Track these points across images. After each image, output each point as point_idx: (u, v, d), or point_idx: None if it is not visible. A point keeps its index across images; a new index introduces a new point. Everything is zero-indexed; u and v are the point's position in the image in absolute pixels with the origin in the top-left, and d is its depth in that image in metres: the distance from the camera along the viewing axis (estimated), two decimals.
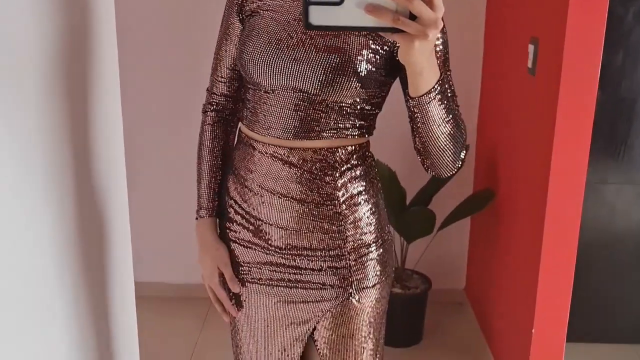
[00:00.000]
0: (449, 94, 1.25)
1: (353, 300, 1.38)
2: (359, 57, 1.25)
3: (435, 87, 1.17)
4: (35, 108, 1.29)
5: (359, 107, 1.32)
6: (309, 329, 1.42)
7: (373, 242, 1.40)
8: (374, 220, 1.40)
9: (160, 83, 3.13)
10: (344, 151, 1.34)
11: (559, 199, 2.18)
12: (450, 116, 1.23)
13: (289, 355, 1.45)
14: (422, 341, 3.00)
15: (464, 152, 1.30)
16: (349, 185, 1.36)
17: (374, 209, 1.40)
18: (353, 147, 1.36)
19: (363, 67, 1.26)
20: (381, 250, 1.41)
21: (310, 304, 1.40)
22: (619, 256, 2.87)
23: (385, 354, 1.66)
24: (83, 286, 1.64)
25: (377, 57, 1.27)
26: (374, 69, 1.27)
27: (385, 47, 1.27)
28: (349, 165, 1.35)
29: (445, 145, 1.25)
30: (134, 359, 2.08)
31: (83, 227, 1.59)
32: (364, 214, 1.38)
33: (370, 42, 1.26)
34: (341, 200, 1.35)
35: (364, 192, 1.38)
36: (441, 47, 1.26)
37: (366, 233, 1.38)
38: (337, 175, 1.34)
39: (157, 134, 3.18)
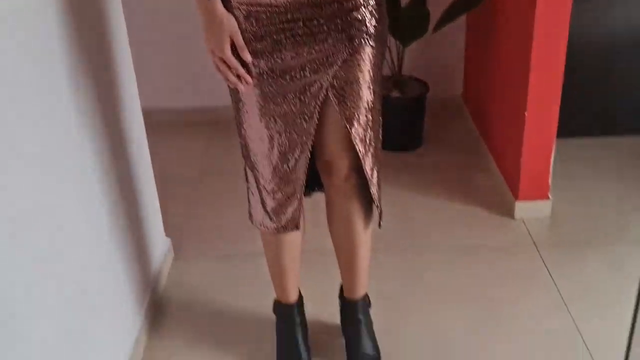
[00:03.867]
0: None
1: (364, 43, 1.47)
2: None
3: None
4: None
5: None
6: (323, 83, 1.48)
7: None
8: None
9: None
10: None
11: None
12: None
13: (306, 111, 1.51)
14: (422, 145, 3.11)
15: None
16: None
17: None
18: None
19: None
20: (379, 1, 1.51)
21: (323, 54, 1.47)
22: (608, 50, 2.88)
23: (386, 159, 1.77)
24: (98, 116, 1.74)
25: None
26: None
27: None
28: None
29: None
30: (149, 178, 2.21)
31: (86, 56, 1.65)
32: None
33: None
34: None
35: None
36: None
37: None
38: None
39: None
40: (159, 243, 2.28)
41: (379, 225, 1.73)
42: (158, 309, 2.14)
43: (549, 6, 2.19)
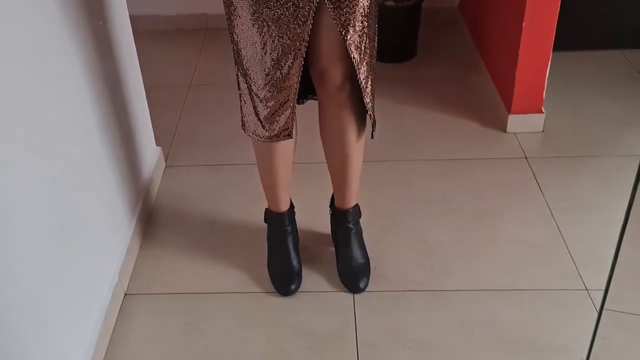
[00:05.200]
0: None
1: None
2: None
3: None
4: None
5: None
6: None
7: None
8: None
9: None
10: None
11: None
12: None
13: (300, 15, 1.45)
14: (416, 56, 3.06)
15: None
16: None
17: None
18: None
19: None
20: None
21: None
22: None
23: (379, 70, 1.73)
24: (85, 26, 1.69)
25: None
26: None
27: None
28: None
29: None
30: (138, 87, 2.17)
31: None
32: None
33: None
34: None
35: None
36: None
37: None
38: None
39: None
40: (150, 152, 2.27)
41: (372, 135, 1.72)
42: (150, 218, 2.16)
43: None
